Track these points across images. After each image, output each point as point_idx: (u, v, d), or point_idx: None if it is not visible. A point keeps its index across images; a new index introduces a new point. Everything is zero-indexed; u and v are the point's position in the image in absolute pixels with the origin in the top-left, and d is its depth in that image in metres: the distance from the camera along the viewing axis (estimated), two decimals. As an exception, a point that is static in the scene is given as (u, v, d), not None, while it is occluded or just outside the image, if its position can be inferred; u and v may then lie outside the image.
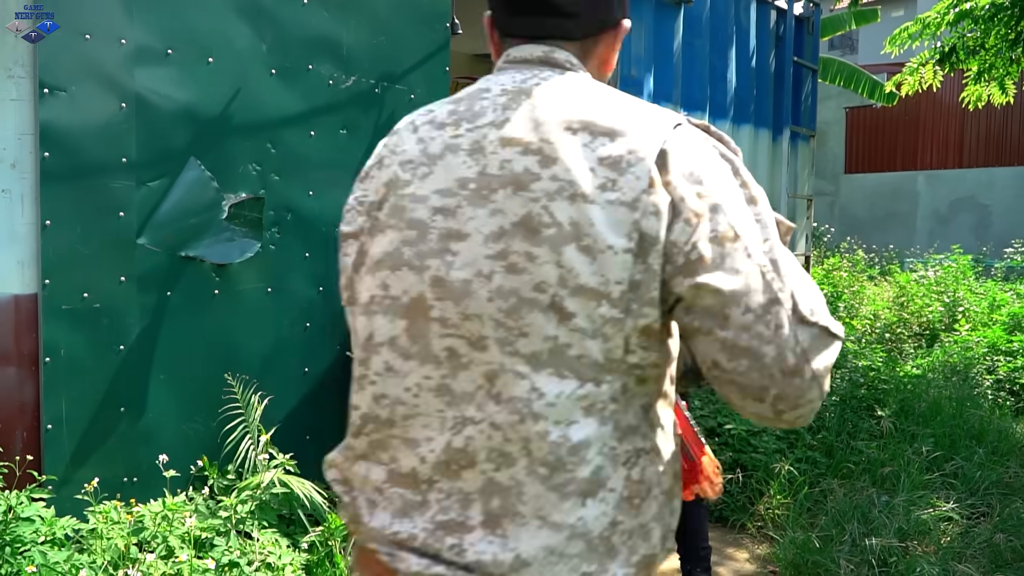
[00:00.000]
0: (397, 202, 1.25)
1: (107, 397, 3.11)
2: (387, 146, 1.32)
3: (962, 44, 7.93)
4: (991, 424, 6.08)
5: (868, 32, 23.81)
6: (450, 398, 1.19)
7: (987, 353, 8.10)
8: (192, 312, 3.30)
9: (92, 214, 3.04)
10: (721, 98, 6.23)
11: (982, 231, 17.66)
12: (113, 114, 3.06)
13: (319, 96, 3.60)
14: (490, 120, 1.23)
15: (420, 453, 1.21)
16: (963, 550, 4.15)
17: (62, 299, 2.99)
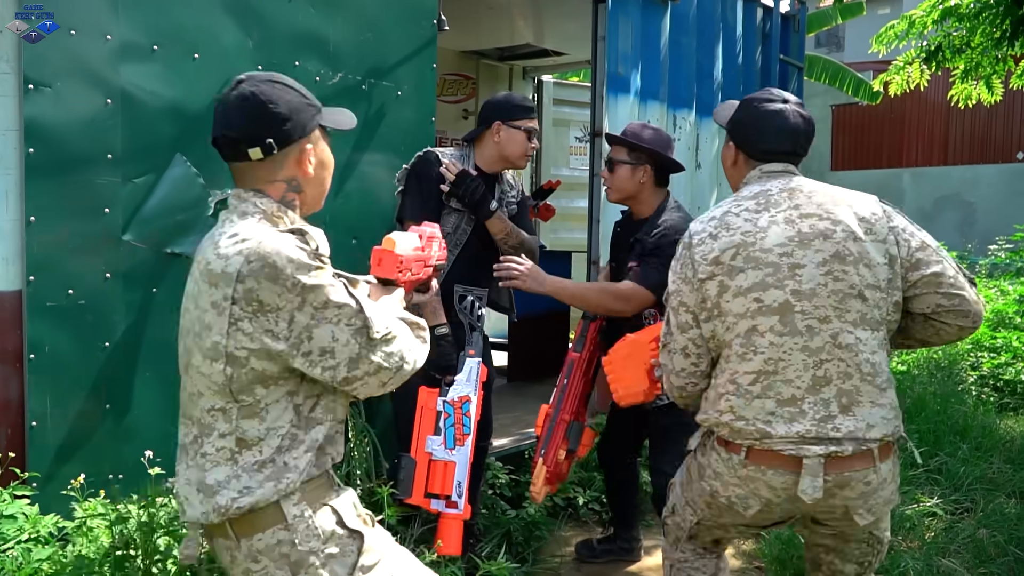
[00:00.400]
0: (749, 254, 2.35)
1: (92, 394, 3.10)
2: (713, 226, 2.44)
3: (948, 43, 7.96)
4: (975, 420, 6.13)
5: (854, 29, 23.89)
6: (809, 352, 2.29)
7: (971, 349, 8.16)
8: (178, 309, 3.26)
9: (77, 210, 3.02)
10: (708, 96, 6.23)
11: (967, 228, 17.77)
12: (98, 110, 3.04)
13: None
14: (786, 206, 2.41)
15: (795, 385, 2.29)
16: (947, 545, 4.19)
17: (47, 296, 2.97)
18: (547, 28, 7.05)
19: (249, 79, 1.93)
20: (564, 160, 8.45)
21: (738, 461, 2.35)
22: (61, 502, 2.92)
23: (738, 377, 2.33)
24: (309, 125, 1.95)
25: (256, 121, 1.88)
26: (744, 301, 2.33)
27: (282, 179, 1.94)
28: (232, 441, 1.83)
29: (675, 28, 5.75)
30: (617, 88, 5.22)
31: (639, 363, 3.12)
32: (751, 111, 2.57)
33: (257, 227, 1.84)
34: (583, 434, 3.68)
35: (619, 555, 4.26)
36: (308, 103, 1.97)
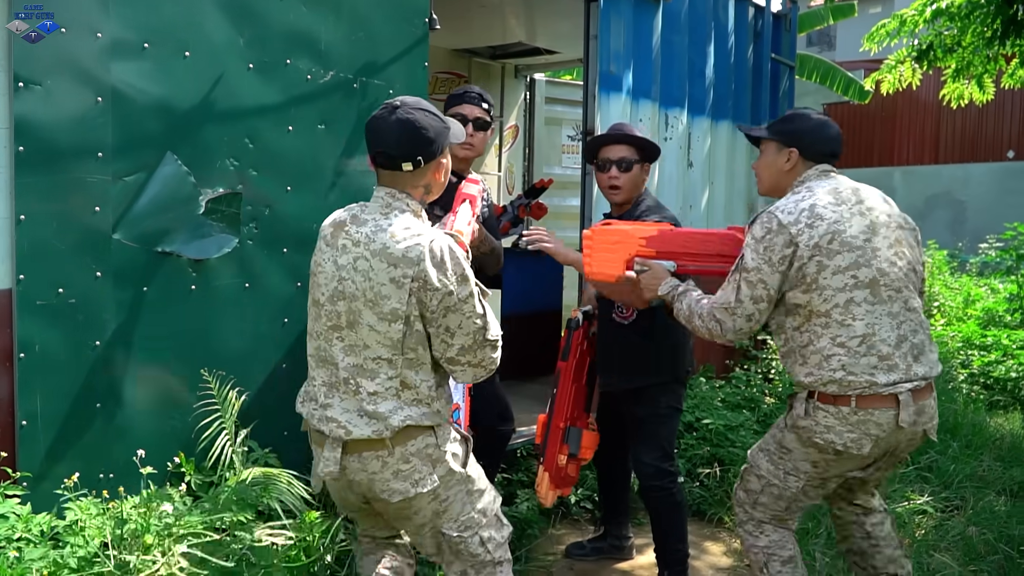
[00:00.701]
0: (842, 240, 2.85)
1: (82, 393, 3.09)
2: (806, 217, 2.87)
3: (939, 42, 7.99)
4: (965, 418, 6.15)
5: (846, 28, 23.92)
6: (892, 316, 2.86)
7: (962, 348, 8.19)
8: (169, 308, 3.28)
9: (67, 209, 3.01)
10: (700, 94, 6.24)
11: (957, 226, 17.82)
12: (89, 108, 3.04)
13: (297, 91, 3.59)
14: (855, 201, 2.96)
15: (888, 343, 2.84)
16: (937, 542, 4.20)
17: (37, 294, 2.96)
18: (539, 26, 7.05)
19: (404, 105, 2.50)
20: (556, 159, 8.46)
21: (849, 410, 2.85)
22: (53, 501, 2.92)
23: (844, 340, 2.84)
24: (444, 145, 2.57)
25: (411, 143, 2.48)
26: (842, 278, 2.84)
27: (422, 185, 2.58)
28: (397, 383, 2.48)
29: (667, 27, 5.76)
30: (609, 87, 5.22)
31: (623, 252, 3.30)
32: (806, 121, 3.12)
33: (420, 224, 2.52)
34: (583, 437, 3.81)
35: (610, 554, 4.28)
36: (444, 126, 2.57)
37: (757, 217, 2.99)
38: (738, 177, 6.82)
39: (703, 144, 6.33)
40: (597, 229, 3.37)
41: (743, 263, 2.94)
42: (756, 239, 2.92)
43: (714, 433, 5.14)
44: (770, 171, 3.17)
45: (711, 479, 4.88)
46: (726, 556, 4.38)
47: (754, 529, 3.21)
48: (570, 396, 3.83)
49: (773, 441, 3.13)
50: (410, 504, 2.57)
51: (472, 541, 2.68)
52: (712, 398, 5.62)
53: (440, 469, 2.57)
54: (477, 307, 2.48)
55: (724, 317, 2.97)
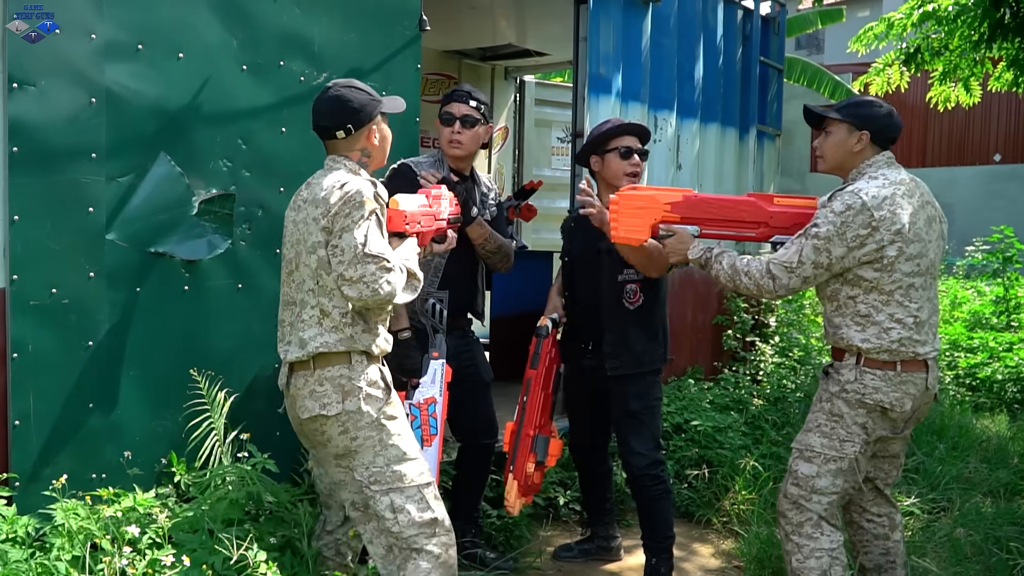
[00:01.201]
0: (915, 230, 3.12)
1: (75, 393, 3.10)
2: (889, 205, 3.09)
3: (927, 45, 8.03)
4: (952, 420, 6.19)
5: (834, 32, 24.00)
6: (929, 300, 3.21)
7: (948, 350, 8.23)
8: (161, 308, 3.29)
9: (61, 209, 3.02)
10: (689, 97, 6.27)
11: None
12: (83, 109, 3.04)
13: (290, 92, 3.60)
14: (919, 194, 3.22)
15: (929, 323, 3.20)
16: (924, 544, 4.23)
17: (30, 294, 2.97)
18: (529, 28, 7.07)
19: (334, 86, 2.93)
20: (546, 160, 8.47)
21: (894, 373, 3.17)
22: (44, 502, 2.92)
23: (901, 318, 3.14)
24: (374, 113, 2.94)
25: (340, 114, 2.89)
26: (911, 264, 3.13)
27: (357, 148, 2.96)
28: (318, 311, 2.83)
29: (656, 30, 5.78)
30: (598, 89, 5.25)
31: (649, 217, 3.39)
32: (878, 108, 3.29)
33: (349, 176, 2.87)
34: (550, 445, 3.90)
35: (598, 555, 4.30)
36: (372, 99, 2.94)
37: (837, 193, 3.18)
38: (727, 179, 6.85)
39: (692, 147, 6.36)
40: (624, 194, 3.44)
41: (815, 230, 3.13)
42: (835, 212, 3.10)
43: (702, 435, 5.16)
44: (839, 151, 3.31)
45: (699, 481, 4.90)
46: (714, 558, 4.40)
47: (813, 530, 3.28)
48: (539, 404, 3.90)
49: (821, 415, 3.29)
50: (321, 428, 2.86)
51: (381, 501, 2.87)
52: (700, 400, 5.64)
53: (350, 403, 2.83)
54: (365, 229, 2.74)
55: (781, 274, 3.18)
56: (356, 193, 2.78)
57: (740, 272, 3.25)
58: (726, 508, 4.76)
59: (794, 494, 3.31)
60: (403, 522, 2.87)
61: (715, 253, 3.34)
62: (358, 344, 2.85)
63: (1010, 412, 7.13)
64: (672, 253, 3.43)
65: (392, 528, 2.87)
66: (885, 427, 3.24)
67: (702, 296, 6.53)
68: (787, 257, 3.18)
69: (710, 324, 6.61)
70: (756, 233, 3.39)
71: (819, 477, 3.25)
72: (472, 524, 4.00)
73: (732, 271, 3.27)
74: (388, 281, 2.75)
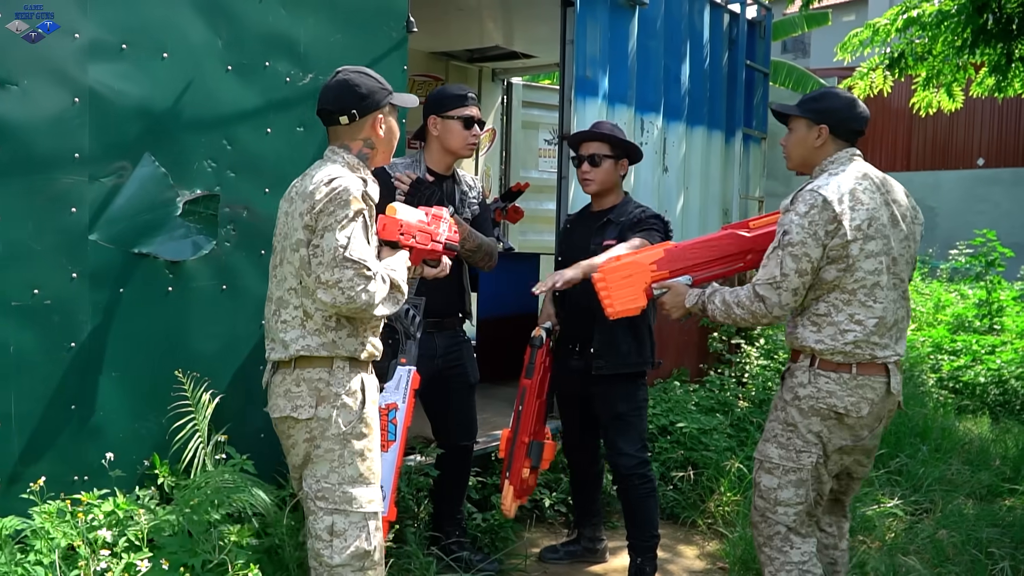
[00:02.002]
0: (876, 226, 3.03)
1: (57, 394, 3.08)
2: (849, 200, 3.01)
3: (910, 50, 8.08)
4: (935, 422, 6.23)
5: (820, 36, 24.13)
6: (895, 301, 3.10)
7: (932, 352, 8.28)
8: (145, 309, 3.27)
9: (44, 209, 3.00)
10: (675, 100, 6.29)
11: (928, 233, 17.93)
12: (66, 109, 3.02)
13: (276, 93, 3.58)
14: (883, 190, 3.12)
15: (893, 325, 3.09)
16: (907, 545, 4.25)
17: (12, 295, 2.95)
18: (516, 30, 7.07)
19: (343, 70, 2.84)
20: (533, 162, 8.48)
21: (849, 376, 3.05)
22: (26, 504, 2.90)
23: (862, 319, 3.04)
24: (381, 102, 2.82)
25: (346, 98, 2.77)
26: (874, 262, 3.03)
27: (360, 138, 2.84)
28: (301, 312, 2.73)
29: (643, 33, 5.80)
30: (585, 91, 5.25)
31: (639, 283, 3.34)
32: (837, 99, 3.22)
33: (344, 171, 2.73)
34: (544, 450, 3.96)
35: (583, 557, 4.30)
36: (381, 87, 2.84)
37: (797, 195, 3.11)
38: (713, 182, 6.87)
39: (678, 149, 6.37)
40: (606, 268, 3.38)
41: (787, 239, 3.04)
42: (800, 215, 3.03)
43: (688, 437, 5.17)
44: (801, 147, 3.26)
45: (684, 482, 4.91)
46: (699, 559, 4.42)
47: (782, 543, 3.20)
48: (534, 412, 3.94)
49: (776, 425, 3.22)
50: (288, 431, 2.78)
51: (322, 520, 2.72)
52: (686, 402, 5.65)
53: (323, 410, 2.71)
54: (348, 231, 2.61)
55: (769, 293, 3.07)
56: (343, 191, 2.63)
57: (731, 305, 3.16)
58: (711, 510, 4.78)
59: (761, 506, 3.25)
60: (337, 548, 2.70)
61: (707, 294, 3.26)
62: (341, 349, 2.73)
63: (992, 415, 7.17)
64: (672, 309, 3.35)
65: (323, 552, 2.71)
66: (844, 435, 3.14)
67: (687, 299, 6.53)
68: (768, 274, 3.08)
69: (696, 326, 6.62)
70: (744, 263, 3.39)
71: (781, 489, 3.17)
72: (456, 526, 4.00)
73: (724, 306, 3.18)
74: (366, 290, 2.60)
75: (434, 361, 3.78)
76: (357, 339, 2.77)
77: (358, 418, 2.74)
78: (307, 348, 2.71)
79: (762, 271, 3.11)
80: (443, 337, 3.82)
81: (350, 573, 2.71)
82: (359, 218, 2.66)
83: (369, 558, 2.74)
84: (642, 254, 3.41)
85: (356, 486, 2.73)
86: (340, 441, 2.72)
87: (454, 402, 3.93)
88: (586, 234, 4.01)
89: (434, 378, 3.74)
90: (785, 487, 3.17)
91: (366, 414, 2.76)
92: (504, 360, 6.43)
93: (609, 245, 3.81)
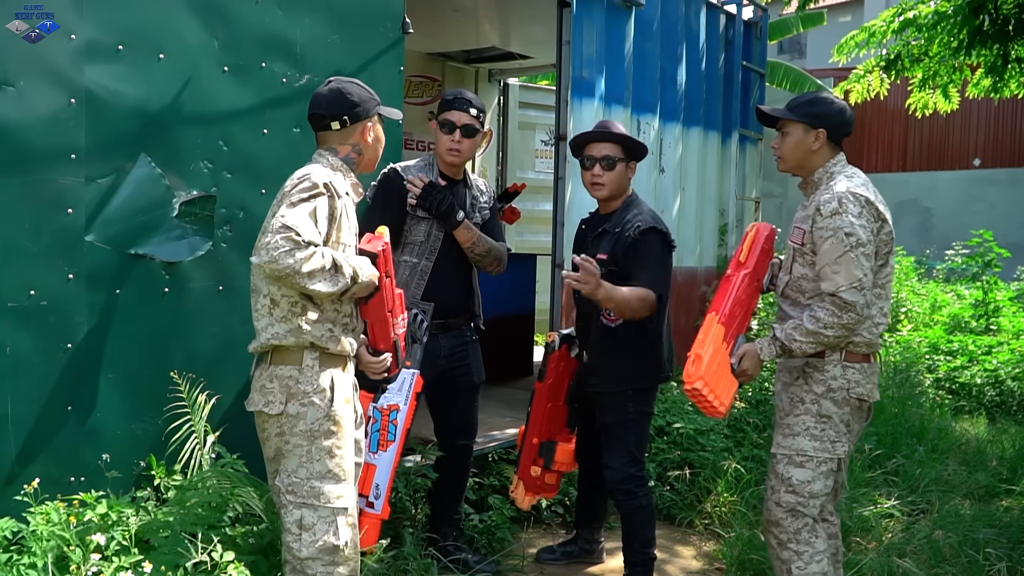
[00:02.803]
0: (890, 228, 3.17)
1: (53, 395, 3.08)
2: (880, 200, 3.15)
3: (907, 52, 8.09)
4: (931, 423, 6.23)
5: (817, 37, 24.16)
6: None
7: (928, 353, 8.29)
8: (141, 310, 3.27)
9: (40, 210, 3.00)
10: (671, 101, 6.29)
11: (924, 233, 18.03)
12: (62, 109, 3.03)
13: (272, 94, 3.59)
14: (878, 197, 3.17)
15: None
16: (904, 546, 4.25)
17: (8, 296, 2.95)
18: (513, 31, 7.07)
19: (336, 80, 2.94)
20: (530, 163, 8.48)
21: (868, 365, 3.20)
22: (22, 505, 2.90)
23: (885, 311, 3.22)
24: (371, 110, 2.92)
25: (338, 105, 2.86)
26: (892, 258, 3.23)
27: (350, 143, 2.92)
28: (268, 300, 2.76)
29: (639, 34, 5.80)
30: (582, 92, 5.26)
31: (726, 368, 3.25)
32: (830, 104, 3.27)
33: (315, 167, 2.79)
34: (556, 451, 4.03)
35: (580, 557, 4.30)
36: (371, 97, 2.93)
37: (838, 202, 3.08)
38: (709, 183, 6.87)
39: (675, 150, 6.38)
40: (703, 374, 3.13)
41: (854, 239, 3.05)
42: (856, 215, 3.07)
43: (684, 437, 5.17)
44: (797, 151, 3.29)
45: (681, 483, 4.91)
46: (696, 560, 4.41)
47: (809, 535, 3.22)
48: (544, 415, 4.02)
49: (808, 418, 3.23)
50: (263, 424, 2.82)
51: (292, 513, 2.76)
52: (683, 402, 5.65)
53: (291, 406, 2.74)
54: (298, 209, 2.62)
55: (856, 297, 3.05)
56: (304, 177, 2.70)
57: (818, 332, 3.08)
58: (708, 510, 4.78)
59: (790, 502, 3.22)
60: (306, 541, 2.73)
61: (783, 338, 3.16)
62: (307, 336, 2.73)
63: (989, 415, 7.18)
64: (754, 372, 3.29)
65: (292, 545, 2.75)
66: (861, 419, 3.28)
67: (684, 299, 6.54)
68: (848, 279, 3.04)
69: (692, 327, 6.62)
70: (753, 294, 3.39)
71: (814, 481, 3.20)
72: (453, 527, 4.00)
73: (811, 336, 3.10)
74: (292, 254, 2.54)
75: (438, 361, 3.79)
76: (323, 325, 2.76)
77: (325, 415, 2.76)
78: (276, 336, 2.73)
79: (835, 279, 3.07)
80: (448, 338, 3.83)
81: (320, 567, 2.75)
82: (312, 200, 2.66)
83: (339, 553, 2.77)
84: (710, 335, 3.21)
85: (325, 482, 2.76)
86: (308, 437, 2.75)
87: (457, 402, 3.93)
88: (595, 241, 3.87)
89: (438, 378, 3.75)
90: (818, 478, 3.20)
91: (335, 412, 2.77)
92: (501, 360, 6.45)
93: (600, 259, 3.64)
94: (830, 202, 3.11)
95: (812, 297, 3.22)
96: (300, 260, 2.56)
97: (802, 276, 3.27)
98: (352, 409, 2.88)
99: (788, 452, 3.25)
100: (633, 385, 3.82)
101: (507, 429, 5.03)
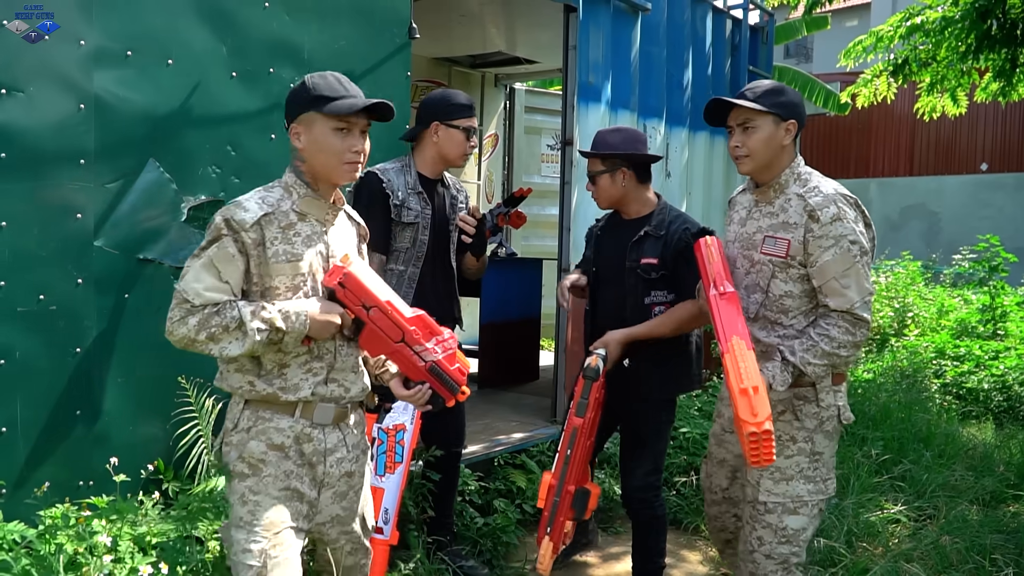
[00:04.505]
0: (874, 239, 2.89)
1: (62, 400, 3.09)
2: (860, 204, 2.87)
3: (914, 56, 8.08)
4: (938, 428, 6.22)
5: (823, 41, 24.16)
6: None
7: (935, 358, 8.27)
8: (149, 315, 3.28)
9: (49, 215, 3.01)
10: (677, 105, 6.30)
11: (932, 238, 18.01)
12: (71, 115, 3.04)
13: (280, 99, 3.58)
14: None
15: None
16: (911, 551, 4.24)
17: (17, 301, 2.96)
18: (519, 36, 7.09)
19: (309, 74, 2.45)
20: (536, 168, 8.49)
21: (845, 384, 2.97)
22: (31, 509, 2.91)
23: None
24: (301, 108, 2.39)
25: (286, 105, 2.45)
26: None
27: (295, 150, 2.47)
28: None
29: (645, 38, 5.81)
30: (588, 97, 5.26)
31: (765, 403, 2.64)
32: (793, 94, 2.94)
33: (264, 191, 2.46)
34: (589, 499, 3.39)
35: (581, 551, 4.30)
36: (305, 91, 2.39)
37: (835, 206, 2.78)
38: (715, 186, 6.88)
39: (681, 155, 6.38)
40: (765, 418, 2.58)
41: (860, 247, 2.78)
42: (854, 220, 2.79)
43: (691, 442, 5.18)
44: (769, 146, 2.90)
45: (687, 488, 4.91)
46: (702, 565, 4.41)
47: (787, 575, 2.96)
48: (585, 457, 3.42)
49: (801, 459, 2.91)
50: None
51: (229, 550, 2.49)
52: (689, 407, 5.66)
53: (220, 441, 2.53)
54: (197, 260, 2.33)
55: (867, 312, 2.81)
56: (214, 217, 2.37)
57: (833, 352, 2.78)
58: (714, 516, 4.77)
59: (784, 553, 2.92)
60: None
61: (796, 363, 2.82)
62: (224, 383, 2.48)
63: (996, 421, 7.17)
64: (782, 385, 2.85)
65: None
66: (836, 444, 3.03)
67: (691, 304, 6.53)
68: (861, 293, 2.77)
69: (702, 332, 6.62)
70: None
71: (808, 527, 2.93)
72: (447, 532, 3.98)
73: (826, 358, 2.80)
74: (186, 322, 2.30)
75: None
76: (243, 375, 2.44)
77: (238, 456, 2.45)
78: (219, 378, 2.51)
79: (847, 294, 2.77)
80: None
81: None
82: (211, 246, 2.33)
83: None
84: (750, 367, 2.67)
85: (235, 528, 2.45)
86: (228, 477, 2.51)
87: (447, 408, 3.88)
88: (619, 246, 3.66)
89: None
90: (811, 524, 2.93)
91: (247, 454, 2.44)
92: (507, 365, 6.46)
93: (649, 264, 3.52)
94: (826, 206, 2.78)
95: (796, 316, 2.89)
96: (193, 327, 2.30)
97: (785, 294, 2.90)
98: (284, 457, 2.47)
99: (782, 499, 2.91)
100: (679, 392, 3.75)
101: (513, 434, 5.03)
